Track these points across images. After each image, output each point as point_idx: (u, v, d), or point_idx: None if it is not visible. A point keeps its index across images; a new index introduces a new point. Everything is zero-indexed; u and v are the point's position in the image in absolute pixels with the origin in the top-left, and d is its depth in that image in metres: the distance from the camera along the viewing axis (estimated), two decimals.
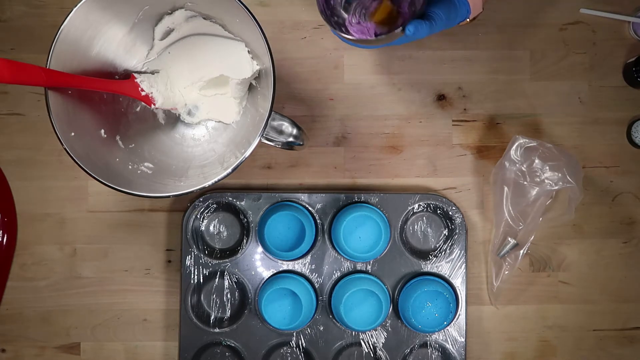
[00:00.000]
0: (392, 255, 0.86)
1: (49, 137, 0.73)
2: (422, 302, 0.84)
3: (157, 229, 0.88)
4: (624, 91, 0.89)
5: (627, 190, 0.89)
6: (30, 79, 0.64)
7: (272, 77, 0.69)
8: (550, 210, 0.86)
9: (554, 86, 0.89)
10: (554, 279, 0.89)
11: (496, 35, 0.88)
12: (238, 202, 0.86)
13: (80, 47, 0.72)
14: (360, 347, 0.86)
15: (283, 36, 0.88)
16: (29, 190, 0.88)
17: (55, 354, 0.88)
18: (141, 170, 0.76)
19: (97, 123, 0.75)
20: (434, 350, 0.86)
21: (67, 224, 0.88)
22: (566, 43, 0.89)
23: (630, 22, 0.87)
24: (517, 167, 0.83)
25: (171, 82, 0.80)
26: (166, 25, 0.78)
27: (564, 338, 0.89)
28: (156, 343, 0.88)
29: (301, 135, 0.74)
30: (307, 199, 0.86)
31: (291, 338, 0.86)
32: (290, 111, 0.88)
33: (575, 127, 0.89)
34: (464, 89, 0.89)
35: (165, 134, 0.82)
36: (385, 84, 0.88)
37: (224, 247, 0.88)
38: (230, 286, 0.87)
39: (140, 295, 0.88)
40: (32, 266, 0.88)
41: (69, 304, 0.88)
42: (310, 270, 0.86)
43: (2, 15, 0.88)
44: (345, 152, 0.89)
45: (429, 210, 0.87)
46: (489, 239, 0.88)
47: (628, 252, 0.89)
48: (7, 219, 0.87)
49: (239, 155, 0.69)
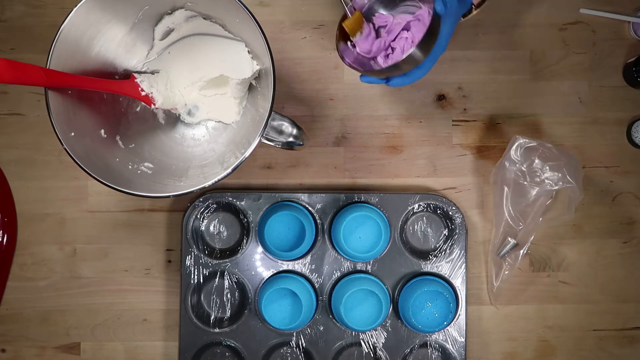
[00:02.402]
0: (392, 255, 0.86)
1: (49, 137, 0.72)
2: (422, 302, 0.84)
3: (157, 229, 0.88)
4: (624, 91, 0.89)
5: (627, 190, 0.89)
6: (30, 79, 0.64)
7: (272, 77, 0.69)
8: (550, 210, 0.86)
9: (554, 86, 0.89)
10: (554, 279, 0.89)
11: (496, 35, 0.88)
12: (238, 202, 0.86)
13: (80, 47, 0.72)
14: (360, 347, 0.86)
15: (283, 36, 0.88)
16: (29, 190, 0.88)
17: (55, 354, 0.88)
18: (141, 170, 0.76)
19: (97, 123, 0.75)
20: (434, 350, 0.86)
21: (67, 224, 0.88)
22: (566, 43, 0.88)
23: (630, 22, 0.87)
24: (517, 167, 0.83)
25: (171, 82, 0.80)
26: (166, 25, 0.78)
27: (564, 338, 0.89)
28: (156, 343, 0.88)
29: (301, 135, 0.74)
30: (307, 199, 0.86)
31: (291, 338, 0.86)
32: (290, 111, 0.88)
33: (575, 127, 0.89)
34: (464, 89, 0.89)
35: (165, 134, 0.82)
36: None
37: (224, 247, 0.88)
38: (230, 286, 0.87)
39: (140, 295, 0.88)
40: (32, 266, 0.88)
41: (68, 304, 0.88)
42: (310, 270, 0.86)
43: (2, 15, 0.88)
44: (345, 152, 0.89)
45: (429, 210, 0.87)
46: (489, 239, 0.88)
47: (628, 252, 0.89)
48: (7, 219, 0.87)
49: (239, 155, 0.69)
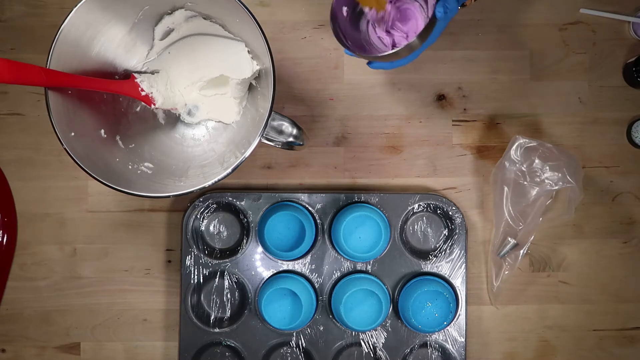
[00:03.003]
0: (392, 255, 0.86)
1: (49, 137, 0.72)
2: (422, 302, 0.84)
3: (157, 229, 0.88)
4: (624, 91, 0.89)
5: (627, 190, 0.89)
6: (30, 79, 0.64)
7: (272, 77, 0.69)
8: (550, 210, 0.86)
9: (554, 86, 0.89)
10: (554, 279, 0.89)
11: (496, 35, 0.88)
12: (238, 202, 0.86)
13: (80, 47, 0.72)
14: (360, 347, 0.86)
15: (283, 36, 0.88)
16: (29, 190, 0.88)
17: (55, 354, 0.88)
18: (141, 170, 0.76)
19: (97, 123, 0.75)
20: (434, 350, 0.86)
21: (67, 224, 0.88)
22: (566, 43, 0.88)
23: (630, 22, 0.87)
24: (517, 167, 0.83)
25: (171, 82, 0.80)
26: (166, 25, 0.78)
27: (564, 338, 0.89)
28: (156, 343, 0.88)
29: (301, 135, 0.74)
30: (307, 199, 0.86)
31: (291, 338, 0.86)
32: (290, 111, 0.88)
33: (575, 127, 0.89)
34: (464, 89, 0.89)
35: (165, 134, 0.82)
36: (385, 83, 0.88)
37: (224, 247, 0.88)
38: (230, 286, 0.87)
39: (140, 295, 0.88)
40: (32, 266, 0.88)
41: (69, 304, 0.88)
42: (310, 270, 0.86)
43: (2, 15, 0.88)
44: (345, 152, 0.89)
45: (429, 210, 0.87)
46: (489, 239, 0.88)
47: (628, 252, 0.89)
48: (7, 219, 0.87)
49: (239, 155, 0.69)
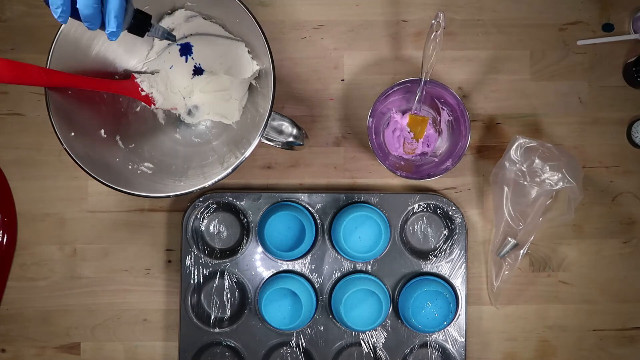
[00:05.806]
0: (392, 255, 0.86)
1: (49, 137, 0.72)
2: (422, 302, 0.84)
3: (157, 229, 0.88)
4: (624, 91, 0.88)
5: (627, 190, 0.89)
6: (30, 79, 0.64)
7: (272, 77, 0.69)
8: (550, 210, 0.86)
9: (554, 86, 0.89)
10: (554, 279, 0.89)
11: (496, 35, 0.88)
12: (238, 202, 0.86)
13: (80, 47, 0.72)
14: (360, 347, 0.86)
15: (283, 36, 0.88)
16: (29, 190, 0.88)
17: (55, 354, 0.88)
18: (141, 170, 0.76)
19: (97, 123, 0.75)
20: (434, 350, 0.86)
21: (67, 224, 0.88)
22: (566, 43, 0.88)
23: (630, 22, 0.87)
24: (517, 167, 0.83)
25: (171, 82, 0.80)
26: (166, 25, 0.78)
27: (564, 338, 0.89)
28: (156, 343, 0.88)
29: (301, 135, 0.74)
30: (307, 199, 0.86)
31: (291, 338, 0.86)
32: (290, 111, 0.88)
33: (575, 127, 0.89)
34: (464, 89, 0.88)
35: (165, 134, 0.82)
36: (385, 84, 0.88)
37: (224, 247, 0.88)
38: (230, 286, 0.87)
39: (140, 295, 0.88)
40: (32, 266, 0.88)
41: (69, 304, 0.88)
42: (310, 270, 0.86)
43: (2, 15, 0.88)
44: (345, 152, 0.89)
45: (429, 210, 0.87)
46: (489, 239, 0.88)
47: (628, 252, 0.89)
48: (7, 219, 0.87)
49: (239, 155, 0.69)
